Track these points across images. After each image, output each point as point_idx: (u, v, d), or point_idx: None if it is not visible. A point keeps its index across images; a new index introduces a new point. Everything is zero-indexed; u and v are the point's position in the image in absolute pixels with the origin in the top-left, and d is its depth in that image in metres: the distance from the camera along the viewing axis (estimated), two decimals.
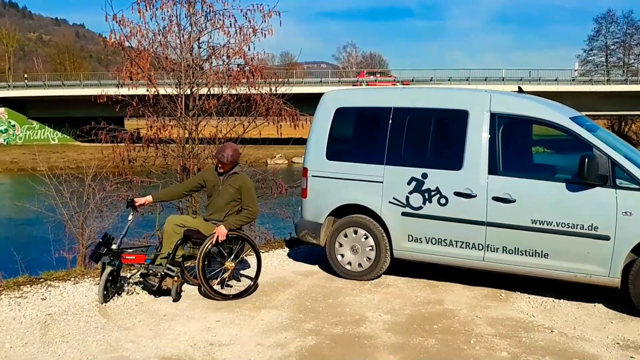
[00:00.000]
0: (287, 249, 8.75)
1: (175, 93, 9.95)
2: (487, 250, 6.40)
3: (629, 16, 74.20)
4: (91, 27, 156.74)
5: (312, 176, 7.35)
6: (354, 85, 48.89)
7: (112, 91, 10.19)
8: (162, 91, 9.90)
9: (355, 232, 7.07)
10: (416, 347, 5.17)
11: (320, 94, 7.91)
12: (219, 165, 6.52)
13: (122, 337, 5.34)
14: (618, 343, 5.25)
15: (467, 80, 50.25)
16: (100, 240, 6.38)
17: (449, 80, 50.87)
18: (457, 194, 6.49)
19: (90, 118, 10.01)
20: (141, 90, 10.02)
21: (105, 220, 10.54)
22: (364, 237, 7.01)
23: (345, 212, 7.17)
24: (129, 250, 6.64)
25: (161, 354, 4.99)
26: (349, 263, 7.11)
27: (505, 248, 6.31)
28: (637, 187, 5.83)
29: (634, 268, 5.79)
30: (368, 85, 48.62)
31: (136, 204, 6.58)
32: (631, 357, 4.95)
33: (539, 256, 6.17)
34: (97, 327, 5.56)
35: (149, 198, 6.73)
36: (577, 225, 5.97)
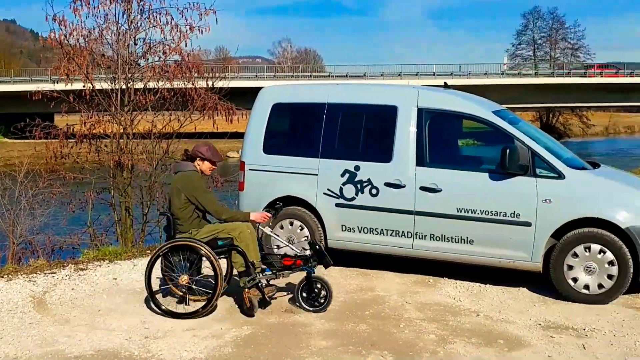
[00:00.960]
0: None
1: (110, 88, 9.93)
2: (416, 238, 6.68)
3: (554, 12, 77.30)
4: (22, 23, 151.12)
5: (250, 170, 7.49)
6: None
7: (47, 87, 10.06)
8: (97, 86, 9.87)
9: (291, 224, 7.23)
10: (348, 332, 5.37)
11: (256, 89, 8.06)
12: (213, 168, 6.26)
13: (58, 332, 5.34)
14: (540, 324, 5.57)
15: (399, 75, 51.09)
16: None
17: (381, 75, 51.62)
18: (388, 184, 6.75)
19: (21, 114, 9.85)
20: (77, 86, 9.96)
21: (37, 218, 10.34)
22: (300, 228, 7.19)
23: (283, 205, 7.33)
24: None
25: (97, 347, 5.02)
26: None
27: (432, 235, 6.60)
28: (555, 175, 6.21)
29: (554, 253, 6.15)
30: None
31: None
32: (551, 337, 5.26)
33: (464, 243, 6.49)
34: (31, 323, 5.54)
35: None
36: (500, 212, 6.30)
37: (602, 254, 5.99)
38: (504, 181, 6.32)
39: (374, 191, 6.82)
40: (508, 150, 6.19)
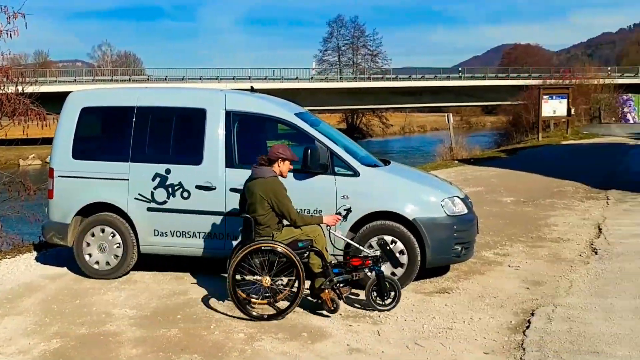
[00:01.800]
0: (35, 253, 8.41)
1: None
2: (228, 239, 6.85)
3: (355, 21, 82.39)
4: None
5: (59, 176, 7.23)
6: None
7: None
8: None
9: (103, 231, 7.08)
10: (159, 338, 5.41)
11: None
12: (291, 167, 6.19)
13: None
14: (340, 314, 6.00)
15: (217, 78, 51.63)
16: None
17: (200, 78, 51.79)
18: (199, 187, 6.86)
19: None
20: None
21: None
22: (111, 235, 7.06)
23: (93, 211, 7.16)
24: None
25: None
26: (97, 262, 7.11)
27: None
28: (351, 173, 6.74)
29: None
30: None
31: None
32: (350, 325, 5.72)
33: None
34: None
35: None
36: (305, 210, 6.69)
37: (393, 244, 6.61)
38: (307, 180, 6.73)
39: (185, 194, 6.89)
40: (309, 151, 6.60)
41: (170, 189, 6.93)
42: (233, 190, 6.77)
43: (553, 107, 28.48)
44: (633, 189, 13.49)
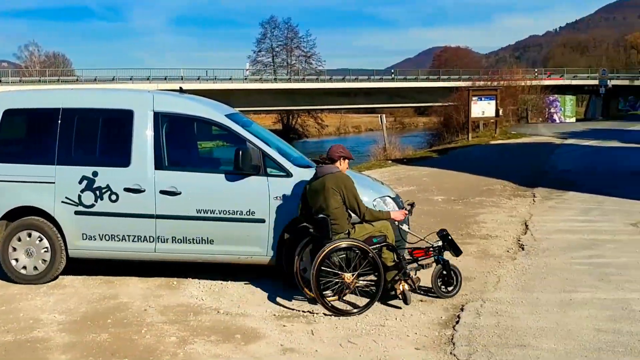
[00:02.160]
0: None
1: None
2: (158, 242, 6.74)
3: (289, 22, 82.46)
4: None
5: None
6: None
7: None
8: None
9: (30, 235, 6.85)
10: (89, 343, 5.26)
11: None
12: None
13: None
14: (274, 315, 6.00)
15: (148, 79, 50.67)
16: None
17: (130, 79, 50.65)
18: (127, 189, 6.71)
19: None
20: None
21: None
22: (39, 239, 6.84)
23: (19, 216, 6.91)
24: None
25: None
26: (24, 267, 6.87)
27: (174, 238, 6.73)
28: (284, 174, 6.73)
29: (286, 245, 6.66)
30: None
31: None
32: (284, 326, 5.71)
33: (205, 243, 6.72)
34: None
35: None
36: (237, 211, 6.64)
37: None
38: (240, 181, 6.68)
39: (113, 197, 6.73)
40: (241, 152, 6.56)
41: (98, 192, 6.75)
42: (163, 192, 6.66)
43: (482, 108, 29.28)
44: (558, 186, 13.91)
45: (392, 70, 66.84)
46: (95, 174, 6.77)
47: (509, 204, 12.17)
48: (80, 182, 6.77)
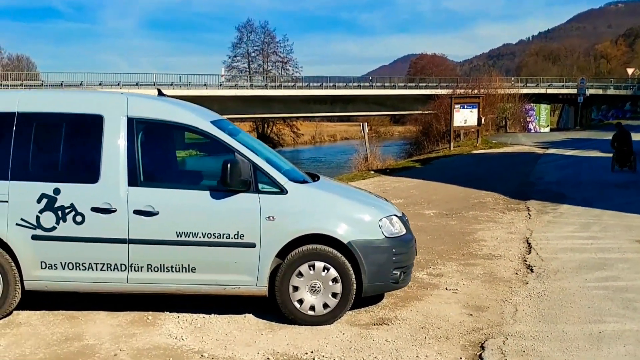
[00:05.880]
0: None
1: None
2: (131, 270, 5.80)
3: (265, 26, 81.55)
4: None
5: None
6: None
7: None
8: None
9: None
10: None
11: None
12: None
13: None
14: (268, 358, 5.12)
15: (118, 84, 48.96)
16: None
17: (100, 84, 48.92)
18: (95, 209, 5.76)
19: None
20: None
21: None
22: None
23: None
24: None
25: None
26: None
27: (150, 266, 5.80)
28: (278, 190, 5.86)
29: (280, 273, 5.80)
30: None
31: None
32: None
33: (186, 271, 5.80)
34: None
35: None
36: (224, 234, 5.75)
37: (325, 271, 5.82)
38: (226, 199, 5.79)
39: (78, 218, 5.77)
40: (229, 165, 5.66)
41: (60, 213, 5.77)
42: (137, 212, 5.73)
43: (464, 117, 28.89)
44: (551, 199, 13.63)
45: (370, 78, 66.29)
46: (56, 191, 5.79)
47: (504, 218, 11.69)
48: (38, 201, 5.78)
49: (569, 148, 27.45)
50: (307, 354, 5.19)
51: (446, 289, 7.12)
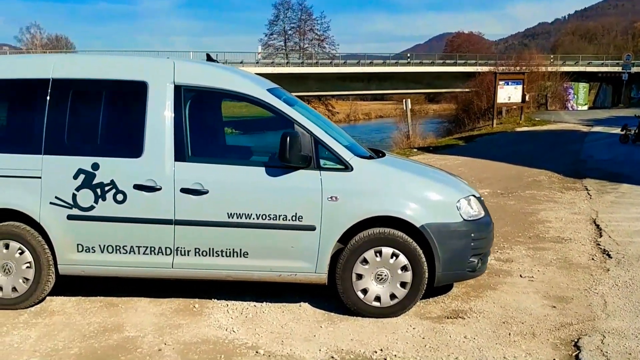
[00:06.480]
0: None
1: None
2: (177, 255, 5.22)
3: (303, 3, 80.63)
4: None
5: None
6: None
7: None
8: None
9: (7, 247, 5.31)
10: None
11: None
12: None
13: None
14: (332, 357, 4.49)
15: None
16: None
17: None
18: (138, 187, 5.17)
19: None
20: None
21: None
22: (19, 251, 5.30)
23: None
24: None
25: None
26: (0, 288, 5.34)
27: (198, 250, 5.20)
28: (342, 167, 5.18)
29: (341, 260, 5.16)
30: None
31: None
32: None
33: (237, 256, 5.19)
34: None
35: None
36: (280, 216, 5.12)
37: (394, 258, 5.16)
38: (284, 176, 5.14)
39: (119, 196, 5.19)
40: (289, 138, 4.99)
41: (99, 190, 5.20)
42: (184, 191, 5.13)
43: (508, 93, 27.96)
44: (608, 177, 12.94)
45: (409, 55, 64.75)
46: (95, 166, 5.22)
47: (564, 198, 10.97)
48: (75, 178, 5.22)
49: (614, 126, 26.27)
50: (376, 352, 4.56)
51: (520, 276, 6.42)
